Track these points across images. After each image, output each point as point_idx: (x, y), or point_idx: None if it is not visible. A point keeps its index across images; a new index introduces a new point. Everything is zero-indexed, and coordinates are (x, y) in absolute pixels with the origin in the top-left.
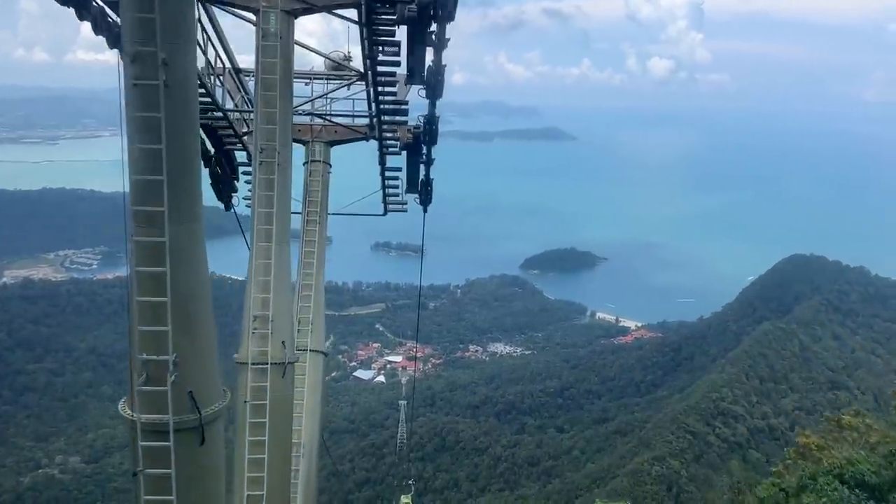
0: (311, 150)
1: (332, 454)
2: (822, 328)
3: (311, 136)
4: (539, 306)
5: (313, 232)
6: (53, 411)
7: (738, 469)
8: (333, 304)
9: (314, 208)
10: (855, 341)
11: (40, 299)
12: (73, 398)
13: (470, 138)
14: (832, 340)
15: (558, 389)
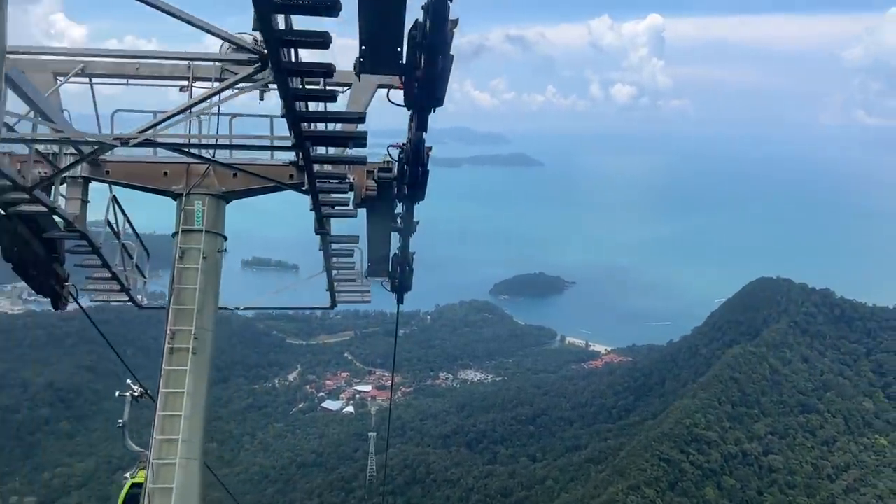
0: (185, 208)
1: (300, 489)
2: (790, 351)
3: (185, 186)
4: (509, 332)
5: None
6: (9, 449)
7: (713, 497)
8: (301, 332)
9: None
10: (823, 363)
11: None
12: (30, 436)
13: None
14: (801, 363)
15: (530, 416)
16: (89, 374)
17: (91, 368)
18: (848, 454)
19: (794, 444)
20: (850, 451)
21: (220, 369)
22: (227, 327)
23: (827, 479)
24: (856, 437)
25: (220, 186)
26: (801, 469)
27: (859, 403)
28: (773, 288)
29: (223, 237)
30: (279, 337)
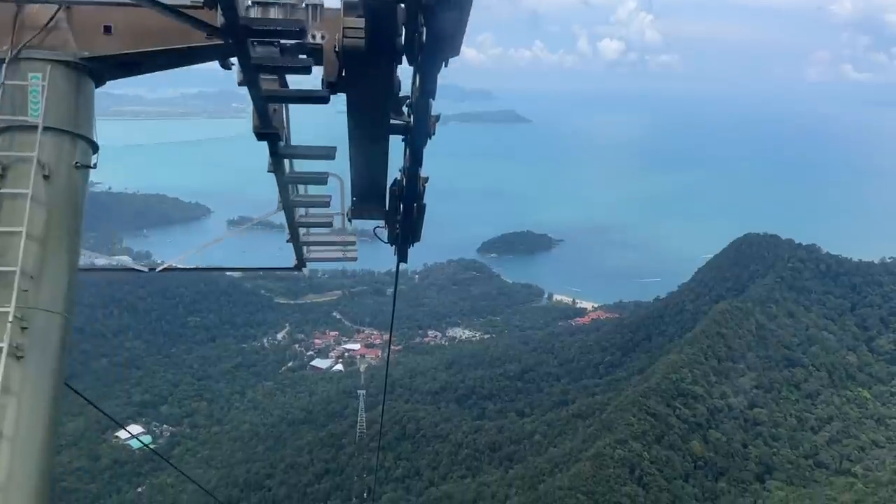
0: (9, 84)
1: (290, 446)
2: (776, 306)
3: (10, 44)
4: (497, 290)
5: None
6: None
7: (699, 449)
8: (289, 292)
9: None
10: (809, 318)
11: None
12: None
13: None
14: (787, 318)
15: (518, 373)
16: (77, 335)
17: (79, 329)
18: (831, 407)
19: (779, 398)
20: (834, 403)
21: (209, 329)
22: (214, 287)
23: (810, 431)
24: (839, 390)
25: (81, 48)
26: (786, 422)
27: (843, 357)
28: (759, 244)
29: (89, 143)
30: (267, 297)
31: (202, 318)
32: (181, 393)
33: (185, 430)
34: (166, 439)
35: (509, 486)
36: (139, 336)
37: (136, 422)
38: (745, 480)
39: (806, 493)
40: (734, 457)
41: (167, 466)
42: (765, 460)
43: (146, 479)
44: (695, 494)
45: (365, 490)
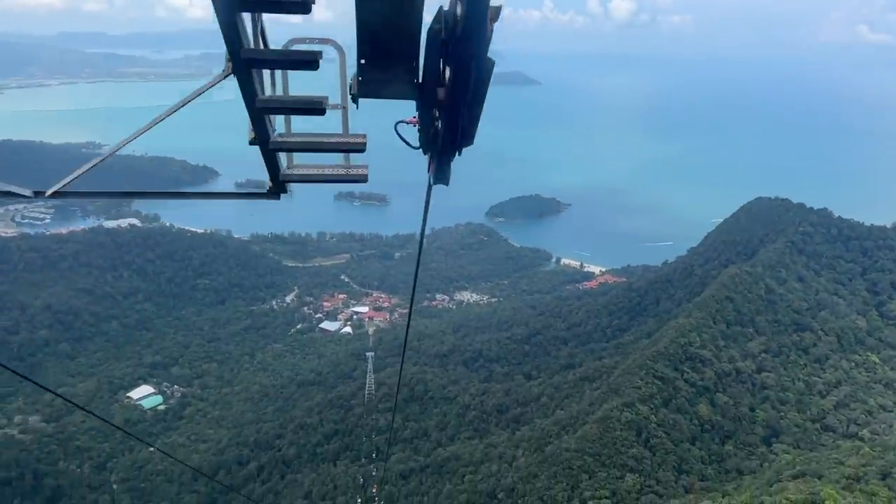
0: None
1: (299, 407)
2: (786, 270)
3: None
4: (504, 254)
5: None
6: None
7: (706, 413)
8: (297, 255)
9: None
10: (819, 283)
11: None
12: (31, 356)
13: None
14: (797, 283)
15: (525, 336)
16: (87, 297)
17: (89, 291)
18: (839, 371)
19: (787, 362)
20: (842, 368)
21: (218, 291)
22: (223, 250)
23: (818, 396)
24: (848, 354)
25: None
26: (793, 386)
27: (853, 322)
28: (770, 208)
29: None
30: (275, 259)
31: (211, 280)
32: (191, 354)
33: (196, 391)
34: (177, 400)
35: (516, 447)
36: (149, 298)
37: (148, 383)
38: (752, 444)
39: (813, 456)
40: (741, 420)
41: (179, 426)
42: (772, 424)
43: (158, 439)
44: (701, 457)
45: (374, 450)
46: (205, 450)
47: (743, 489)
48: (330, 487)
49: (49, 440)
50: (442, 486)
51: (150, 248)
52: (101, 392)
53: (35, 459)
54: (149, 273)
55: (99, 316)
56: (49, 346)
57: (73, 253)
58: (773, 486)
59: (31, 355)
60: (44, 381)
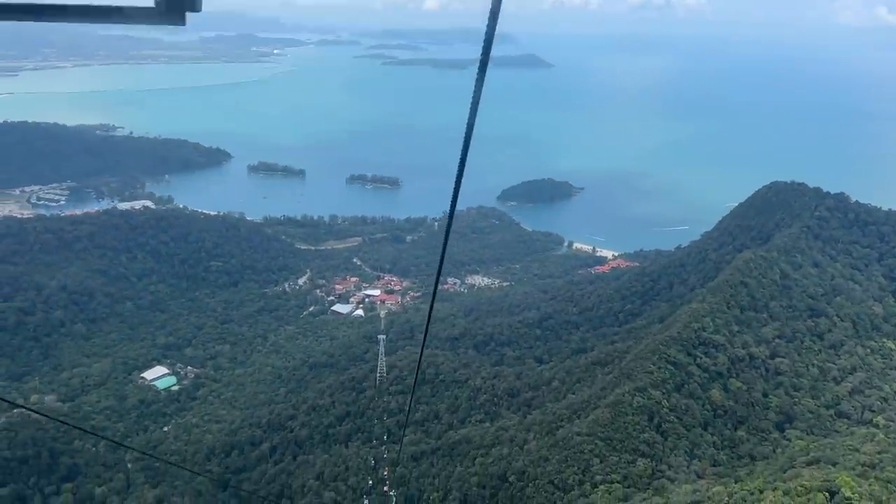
0: None
1: (312, 389)
2: (801, 255)
3: None
4: (516, 238)
5: None
6: (27, 350)
7: (719, 398)
8: (310, 238)
9: None
10: (835, 268)
11: (6, 237)
12: (46, 337)
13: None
14: (812, 268)
15: (537, 320)
16: (102, 278)
17: (103, 272)
18: (855, 357)
19: (802, 348)
20: (857, 354)
21: (231, 273)
22: (236, 232)
23: (832, 382)
24: (863, 340)
25: None
26: (808, 372)
27: (869, 307)
28: (786, 192)
29: None
30: (287, 242)
31: (224, 262)
32: (205, 336)
33: (209, 372)
34: (191, 381)
35: (527, 431)
36: (163, 280)
37: (161, 363)
38: (765, 430)
39: (827, 443)
40: (754, 406)
41: (193, 407)
42: (785, 410)
43: (172, 419)
44: (714, 442)
45: (385, 432)
46: (218, 430)
47: (756, 475)
48: (342, 469)
49: (64, 419)
50: (453, 468)
51: (163, 230)
52: (115, 373)
53: (51, 438)
54: (162, 255)
55: (113, 297)
56: (64, 327)
57: (87, 234)
58: (787, 472)
59: (47, 335)
60: (60, 361)
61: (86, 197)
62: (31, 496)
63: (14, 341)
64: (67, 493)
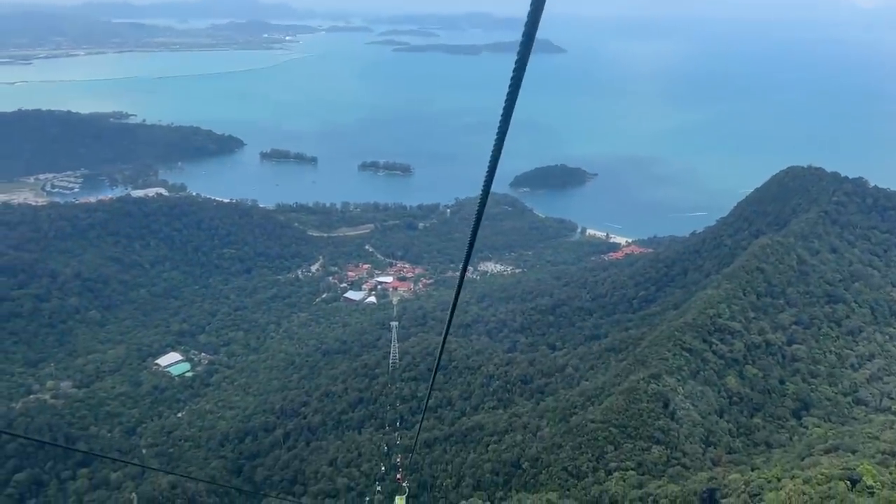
0: None
1: (325, 375)
2: (819, 241)
3: None
4: (529, 224)
5: None
6: (42, 336)
7: (734, 385)
8: (322, 225)
9: None
10: (853, 254)
11: (21, 225)
12: (61, 323)
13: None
14: (830, 253)
15: (550, 307)
16: (116, 265)
17: (117, 259)
18: (873, 344)
19: (819, 335)
20: (876, 340)
21: (244, 260)
22: (249, 219)
23: (850, 369)
24: (882, 327)
25: None
26: (825, 358)
27: (887, 294)
28: (803, 177)
29: None
30: (300, 229)
31: (237, 249)
32: (218, 322)
33: (223, 359)
34: (204, 367)
35: (541, 417)
36: (176, 267)
37: (175, 350)
38: (782, 417)
39: (845, 430)
40: (771, 393)
41: (207, 393)
42: (802, 397)
43: (186, 405)
44: (729, 430)
45: (398, 419)
46: (231, 416)
47: (773, 463)
48: (354, 455)
49: (80, 405)
50: (466, 454)
51: (176, 218)
52: (130, 359)
53: (67, 424)
54: (176, 242)
55: (127, 284)
56: (79, 314)
57: (101, 222)
58: (805, 460)
59: (62, 322)
60: (75, 348)
61: (99, 184)
62: (48, 481)
63: (30, 328)
64: (83, 478)
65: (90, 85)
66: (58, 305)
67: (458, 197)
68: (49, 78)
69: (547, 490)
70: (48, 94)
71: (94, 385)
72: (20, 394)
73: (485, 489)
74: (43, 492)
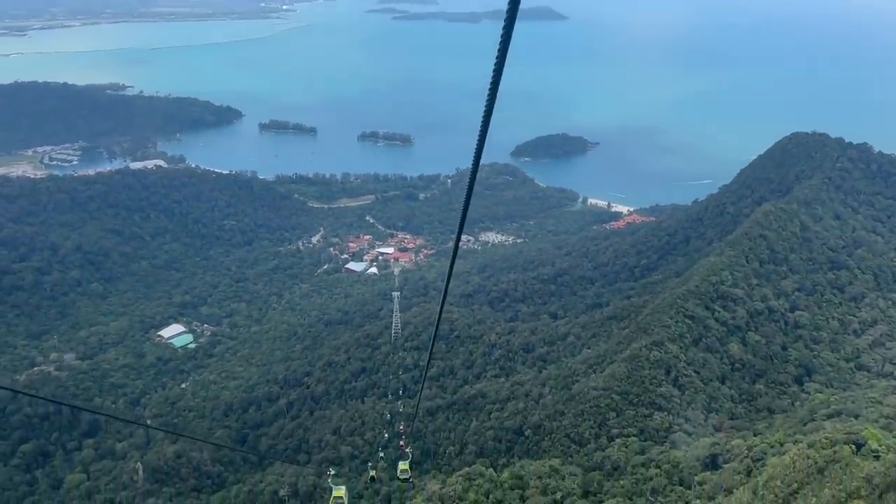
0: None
1: (327, 345)
2: (822, 207)
3: None
4: (530, 194)
5: None
6: (44, 309)
7: (737, 352)
8: (322, 196)
9: None
10: (856, 220)
11: (20, 198)
12: (63, 296)
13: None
14: (833, 220)
15: (551, 276)
16: (116, 238)
17: (118, 232)
18: (876, 310)
19: (822, 301)
20: (878, 306)
21: (245, 232)
22: (249, 191)
23: (853, 335)
24: (885, 293)
25: None
26: (827, 325)
27: (891, 260)
28: (807, 143)
29: None
30: (300, 200)
31: (238, 221)
32: (220, 294)
33: (225, 330)
34: (207, 338)
35: (543, 385)
36: (177, 239)
37: (178, 322)
38: (784, 383)
39: (847, 395)
40: (773, 359)
41: (210, 364)
42: (805, 363)
43: (189, 376)
44: (731, 396)
45: (400, 388)
46: (235, 387)
47: (775, 428)
48: (358, 423)
49: (84, 377)
50: (468, 422)
51: (176, 189)
52: (132, 331)
53: (71, 395)
54: (176, 214)
55: (128, 256)
56: (81, 286)
57: (101, 194)
58: (807, 425)
59: (64, 295)
60: (77, 320)
61: (98, 157)
62: (54, 451)
63: (32, 300)
64: (89, 448)
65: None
66: (59, 278)
67: (458, 167)
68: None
69: (549, 457)
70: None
71: (97, 357)
72: (24, 366)
73: (487, 456)
74: (49, 462)
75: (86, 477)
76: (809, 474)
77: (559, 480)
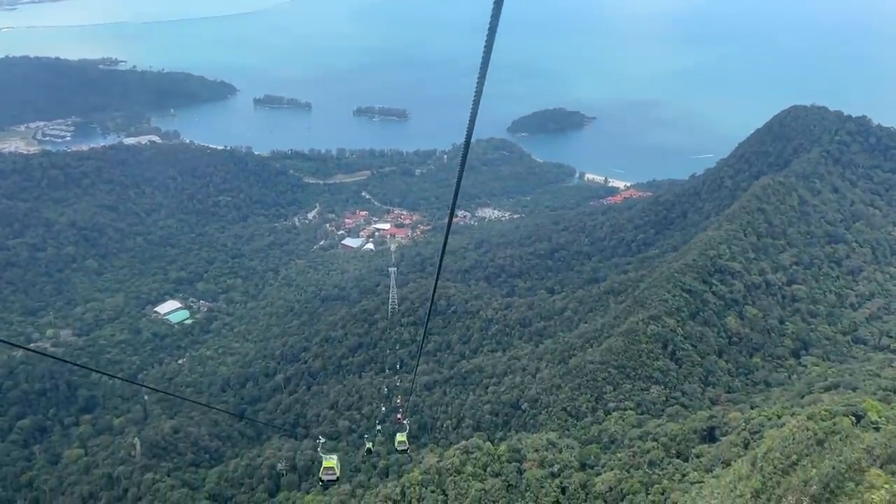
0: None
1: (324, 321)
2: (821, 181)
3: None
4: (527, 169)
5: None
6: (39, 286)
7: (734, 325)
8: (318, 171)
9: None
10: (854, 193)
11: (13, 174)
12: (58, 272)
13: None
14: (831, 193)
15: (548, 251)
16: (111, 213)
17: (112, 207)
18: (873, 283)
19: (819, 274)
20: (876, 280)
21: (240, 208)
22: (244, 166)
23: (850, 308)
24: (882, 266)
25: None
26: (825, 298)
27: (888, 233)
28: (805, 117)
29: None
30: (296, 176)
31: (233, 197)
32: (216, 270)
33: (222, 306)
34: (203, 314)
35: (540, 359)
36: (172, 215)
37: (174, 298)
38: (781, 356)
39: (845, 368)
40: (770, 333)
41: (207, 340)
42: (801, 336)
43: (186, 352)
44: (728, 370)
45: (398, 362)
46: (232, 362)
47: (773, 401)
48: (355, 398)
49: (81, 353)
50: (466, 396)
51: (171, 165)
52: (128, 307)
53: (68, 371)
54: (170, 190)
55: (123, 232)
56: (76, 262)
57: (94, 170)
58: (805, 397)
59: (59, 271)
60: (73, 296)
61: (91, 132)
62: (51, 427)
63: (27, 277)
64: (87, 423)
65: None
66: (54, 254)
67: (455, 142)
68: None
69: (546, 430)
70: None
71: (93, 333)
72: (20, 342)
73: (485, 429)
74: (47, 437)
75: (84, 452)
76: (809, 446)
77: (556, 453)
